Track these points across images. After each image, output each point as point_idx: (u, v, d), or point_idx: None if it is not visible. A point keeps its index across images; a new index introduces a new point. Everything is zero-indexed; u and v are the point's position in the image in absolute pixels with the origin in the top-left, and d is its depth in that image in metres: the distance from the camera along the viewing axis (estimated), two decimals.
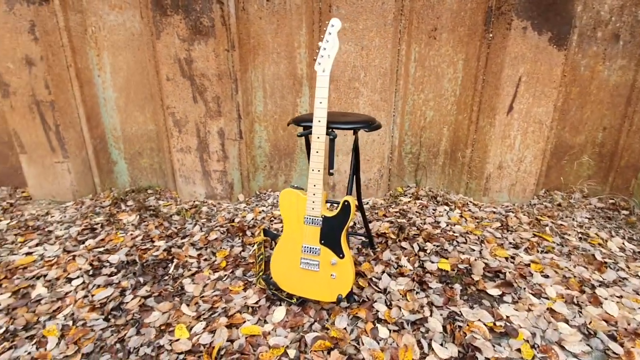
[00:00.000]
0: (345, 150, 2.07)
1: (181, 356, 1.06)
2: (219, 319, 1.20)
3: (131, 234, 1.77)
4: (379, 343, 1.11)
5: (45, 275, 1.46)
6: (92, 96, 2.16)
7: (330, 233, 1.14)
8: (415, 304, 1.26)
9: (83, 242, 1.71)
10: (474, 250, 1.61)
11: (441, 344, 1.10)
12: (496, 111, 1.95)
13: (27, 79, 1.98)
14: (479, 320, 1.20)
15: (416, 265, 1.50)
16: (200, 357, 1.04)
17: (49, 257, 1.58)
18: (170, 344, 1.11)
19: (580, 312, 1.22)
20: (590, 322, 1.16)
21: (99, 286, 1.39)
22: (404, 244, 1.64)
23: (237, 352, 1.07)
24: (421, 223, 1.84)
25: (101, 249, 1.63)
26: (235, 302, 1.28)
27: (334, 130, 1.16)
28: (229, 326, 1.17)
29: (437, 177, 2.32)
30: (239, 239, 1.73)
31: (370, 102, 1.97)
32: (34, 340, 1.13)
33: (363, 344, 1.10)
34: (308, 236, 1.16)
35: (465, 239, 1.70)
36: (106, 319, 1.22)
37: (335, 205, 1.18)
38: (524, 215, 1.94)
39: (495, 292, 1.34)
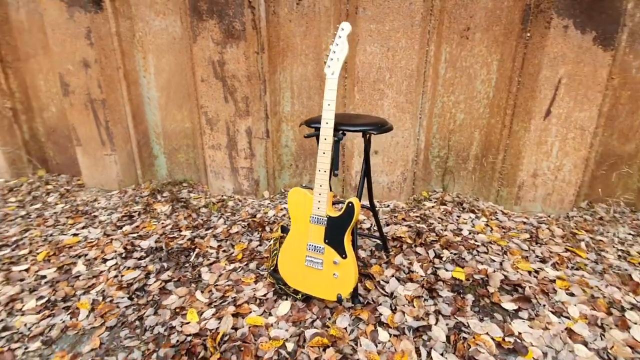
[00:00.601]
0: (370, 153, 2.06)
1: (189, 338, 1.15)
2: (227, 307, 1.27)
3: (162, 223, 1.92)
4: (376, 346, 1.11)
5: (86, 255, 1.63)
6: (138, 95, 2.37)
7: (335, 233, 1.15)
8: (421, 311, 1.24)
9: (121, 228, 1.88)
10: (494, 261, 1.53)
11: (441, 354, 1.07)
12: (532, 115, 1.84)
13: (83, 79, 2.22)
14: (487, 333, 1.15)
15: (428, 272, 1.46)
16: (205, 341, 1.12)
17: (91, 239, 1.77)
18: (181, 326, 1.20)
19: (603, 335, 1.12)
20: (613, 346, 1.07)
21: (128, 268, 1.53)
22: (419, 249, 1.61)
23: (239, 339, 1.13)
24: (441, 229, 1.79)
25: (135, 235, 1.79)
26: (245, 293, 1.35)
27: (343, 132, 1.18)
28: (236, 315, 1.24)
29: (466, 182, 2.22)
30: (258, 233, 1.80)
31: (395, 103, 1.95)
32: (69, 311, 1.28)
33: (361, 345, 1.10)
34: (313, 235, 1.19)
35: (487, 249, 1.62)
36: (130, 298, 1.35)
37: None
38: (558, 227, 1.80)
39: (510, 306, 1.27)
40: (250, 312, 1.25)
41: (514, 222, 1.89)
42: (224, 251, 1.65)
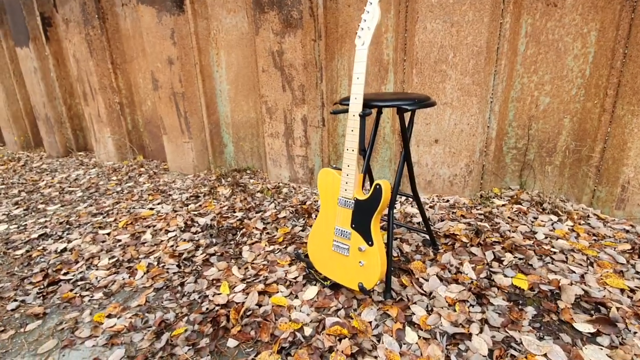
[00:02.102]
0: (427, 141, 1.88)
1: (217, 308, 1.19)
2: (257, 284, 1.29)
3: (221, 204, 2.06)
4: (400, 346, 0.99)
5: (154, 226, 1.85)
6: (211, 88, 2.59)
7: (362, 217, 1.07)
8: (462, 317, 1.07)
9: (187, 205, 2.08)
10: (573, 272, 1.24)
11: None
12: None
13: (168, 75, 2.52)
14: (545, 355, 0.93)
15: (481, 275, 1.26)
16: (229, 312, 1.15)
17: (162, 213, 2.00)
18: (213, 296, 1.26)
19: None
20: None
21: (184, 240, 1.68)
22: (475, 249, 1.40)
23: (260, 316, 1.13)
24: (508, 230, 1.53)
25: (196, 212, 1.96)
26: (277, 274, 1.35)
27: (369, 108, 1.08)
28: (263, 293, 1.25)
29: (551, 180, 1.86)
30: (304, 220, 1.79)
31: (459, 86, 1.74)
32: (130, 271, 1.46)
33: (382, 343, 1.00)
34: (341, 218, 1.13)
35: (566, 257, 1.33)
36: (178, 266, 1.47)
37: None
38: None
39: (585, 328, 1.01)
40: (278, 292, 1.25)
41: (612, 229, 1.51)
42: (267, 233, 1.69)
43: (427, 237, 1.51)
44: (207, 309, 1.20)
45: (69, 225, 1.95)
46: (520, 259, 1.33)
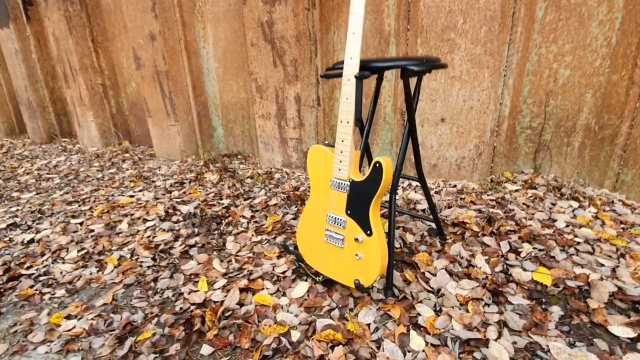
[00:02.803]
0: (432, 120, 1.70)
1: (192, 307, 1.04)
2: (240, 280, 1.13)
3: (207, 191, 1.89)
4: (404, 354, 0.83)
5: (132, 215, 1.68)
6: (198, 66, 2.39)
7: (359, 202, 0.90)
8: (477, 318, 0.91)
9: (170, 193, 1.91)
10: (602, 265, 1.08)
11: None
12: None
13: (151, 52, 2.32)
14: None
15: (497, 269, 1.10)
16: (205, 313, 0.99)
17: (142, 201, 1.83)
18: (189, 293, 1.10)
19: None
20: None
21: (163, 230, 1.51)
22: (487, 239, 1.24)
23: (241, 317, 0.98)
24: (525, 218, 1.36)
25: (179, 200, 1.80)
26: (263, 267, 1.19)
27: (380, 73, 0.90)
28: (246, 290, 1.09)
29: (570, 162, 1.69)
30: (296, 207, 1.63)
31: (470, 56, 1.55)
32: (99, 265, 1.30)
33: (383, 350, 0.84)
34: (334, 203, 0.96)
35: (593, 248, 1.16)
36: (153, 259, 1.31)
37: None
38: None
39: (623, 332, 0.85)
40: (263, 289, 1.09)
41: None
42: (255, 222, 1.52)
43: (434, 225, 1.35)
44: (180, 308, 1.04)
45: (40, 214, 1.79)
46: (540, 250, 1.17)
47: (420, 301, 0.98)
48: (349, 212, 0.93)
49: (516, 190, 1.60)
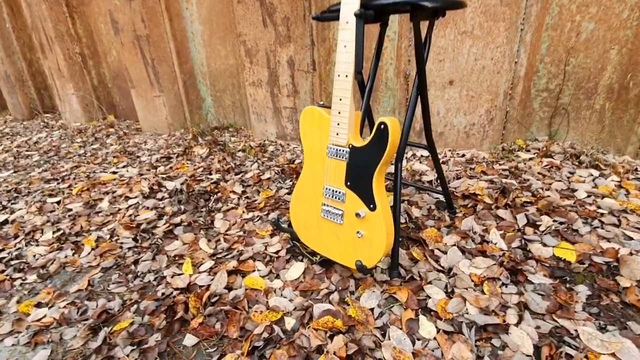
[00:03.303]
0: (439, 83, 1.54)
1: (175, 292, 0.93)
2: (229, 261, 1.02)
3: (195, 165, 1.75)
4: (413, 343, 0.73)
5: (114, 192, 1.56)
6: (181, 30, 2.19)
7: (360, 171, 0.77)
8: (494, 301, 0.80)
9: (156, 168, 1.78)
10: (631, 239, 0.97)
11: None
12: None
13: (129, 14, 2.11)
14: (613, 354, 0.67)
15: (514, 245, 0.98)
16: (189, 298, 0.89)
17: (125, 177, 1.70)
18: (172, 277, 0.99)
19: None
20: None
21: (146, 208, 1.39)
22: (502, 212, 1.12)
23: (229, 303, 0.87)
24: (541, 188, 1.24)
25: (164, 176, 1.66)
26: (255, 247, 1.08)
27: (384, 18, 0.74)
28: (235, 272, 0.98)
29: (589, 128, 1.55)
30: (291, 181, 1.50)
31: (483, 8, 1.37)
32: (75, 247, 1.19)
33: (389, 339, 0.74)
34: (331, 174, 0.83)
35: (619, 220, 1.05)
36: (135, 239, 1.19)
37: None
38: None
39: None
40: (254, 270, 0.98)
41: None
42: (247, 198, 1.40)
43: (442, 198, 1.23)
44: (162, 294, 0.94)
45: (17, 193, 1.66)
46: (561, 223, 1.05)
47: (430, 282, 0.88)
48: (348, 183, 0.80)
49: (530, 159, 1.48)
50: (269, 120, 1.99)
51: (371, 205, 0.77)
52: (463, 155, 1.55)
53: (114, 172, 1.78)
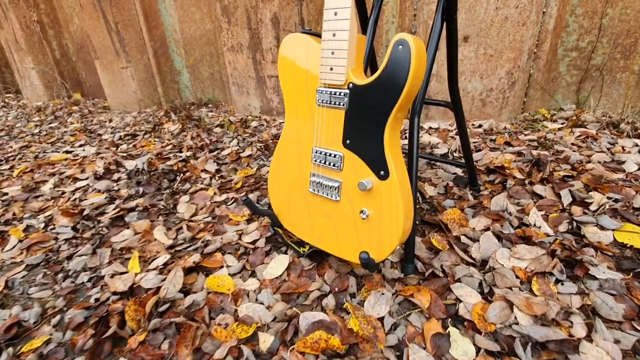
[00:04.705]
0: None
1: (113, 297, 0.69)
2: (190, 255, 0.78)
3: (165, 143, 1.49)
4: None
5: (62, 173, 1.29)
6: None
7: (365, 123, 0.53)
8: (554, 307, 0.57)
9: (118, 147, 1.52)
10: None
11: None
12: None
13: None
14: None
15: (561, 228, 0.76)
16: (127, 307, 0.64)
17: (79, 156, 1.43)
18: (112, 277, 0.74)
19: None
20: None
21: (98, 191, 1.14)
22: (539, 188, 0.89)
23: (184, 313, 0.63)
24: (581, 160, 1.01)
25: (125, 154, 1.40)
26: (226, 236, 0.84)
27: None
28: (196, 269, 0.74)
29: (624, 93, 1.32)
30: None
31: None
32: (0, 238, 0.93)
33: None
34: (323, 130, 0.58)
35: None
36: (75, 229, 0.94)
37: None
38: None
39: None
40: (221, 267, 0.74)
41: None
42: (221, 177, 1.15)
43: (460, 172, 0.99)
44: (96, 300, 0.69)
45: None
46: (616, 200, 0.83)
47: (458, 280, 0.65)
48: (348, 141, 0.56)
49: (559, 129, 1.25)
50: (251, 92, 1.73)
51: (382, 172, 0.53)
52: (480, 126, 1.32)
53: (68, 152, 1.51)
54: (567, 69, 1.37)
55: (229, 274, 0.71)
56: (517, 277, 0.64)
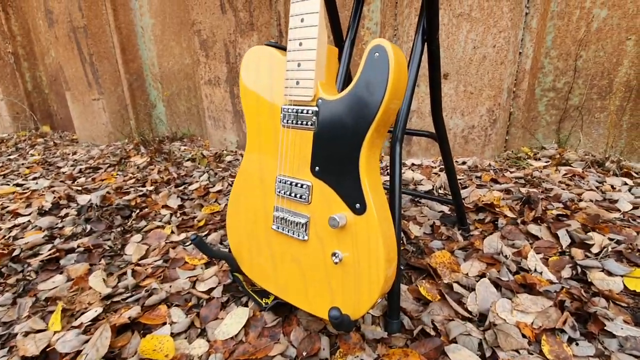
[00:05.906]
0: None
1: None
2: (127, 308, 0.63)
3: (127, 176, 1.37)
4: None
5: (4, 208, 1.14)
6: (128, 23, 1.87)
7: (336, 145, 0.44)
8: None
9: (75, 180, 1.38)
10: None
11: None
12: None
13: (65, 2, 1.78)
14: None
15: (565, 274, 0.66)
16: None
17: (29, 190, 1.29)
18: (26, 336, 0.59)
19: None
20: None
21: (40, 228, 0.98)
22: (533, 228, 0.81)
23: None
24: (573, 199, 0.95)
25: (80, 188, 1.26)
26: (176, 284, 0.70)
27: None
28: (131, 326, 0.59)
29: (603, 133, 1.32)
30: None
31: None
32: None
33: None
34: (288, 156, 0.49)
35: None
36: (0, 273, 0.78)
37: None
38: None
39: None
40: (164, 323, 0.60)
41: None
42: (183, 214, 1.03)
43: (447, 210, 0.91)
44: None
45: None
46: (618, 242, 0.75)
47: (454, 340, 0.53)
48: (317, 168, 0.46)
49: (543, 167, 1.21)
50: (228, 126, 1.66)
51: (357, 205, 0.43)
52: (464, 163, 1.27)
53: (19, 185, 1.36)
54: (546, 109, 1.37)
55: (172, 333, 0.57)
56: (523, 335, 0.53)
